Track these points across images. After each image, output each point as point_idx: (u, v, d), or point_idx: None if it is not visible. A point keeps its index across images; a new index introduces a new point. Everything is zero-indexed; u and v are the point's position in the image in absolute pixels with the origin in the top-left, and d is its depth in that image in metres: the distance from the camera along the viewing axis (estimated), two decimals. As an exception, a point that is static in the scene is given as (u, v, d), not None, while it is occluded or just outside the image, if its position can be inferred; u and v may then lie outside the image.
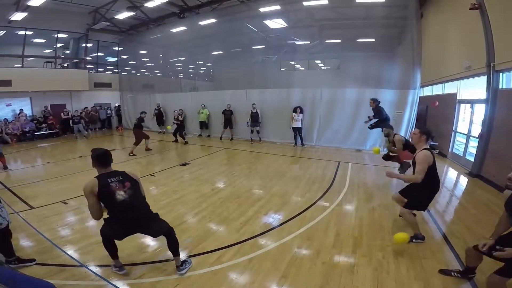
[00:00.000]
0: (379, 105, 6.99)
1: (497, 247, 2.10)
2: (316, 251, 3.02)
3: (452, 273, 2.59)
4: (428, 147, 3.05)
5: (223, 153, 8.71)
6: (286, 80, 12.80)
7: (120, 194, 2.39)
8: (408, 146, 4.91)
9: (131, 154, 8.14)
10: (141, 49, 15.39)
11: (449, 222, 3.81)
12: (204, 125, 11.54)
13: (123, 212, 2.37)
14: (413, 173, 3.04)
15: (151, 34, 14.20)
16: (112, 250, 2.57)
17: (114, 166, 2.64)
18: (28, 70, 11.93)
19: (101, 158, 2.54)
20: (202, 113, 11.38)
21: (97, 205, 2.42)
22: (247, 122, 10.04)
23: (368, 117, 7.17)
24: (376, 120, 7.05)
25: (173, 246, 2.59)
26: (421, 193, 3.06)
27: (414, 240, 3.15)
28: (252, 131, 10.17)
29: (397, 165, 5.78)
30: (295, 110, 9.03)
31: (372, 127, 7.26)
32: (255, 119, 9.88)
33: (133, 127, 8.83)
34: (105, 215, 2.51)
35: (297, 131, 9.17)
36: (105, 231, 2.50)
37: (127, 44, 15.52)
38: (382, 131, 5.42)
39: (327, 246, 3.13)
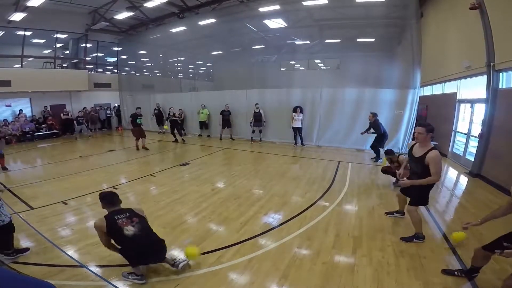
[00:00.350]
0: (378, 119, 7.13)
1: (505, 244, 2.05)
2: (316, 251, 3.02)
3: (456, 273, 2.58)
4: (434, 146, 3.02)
5: (223, 153, 8.71)
6: (286, 80, 12.80)
7: (129, 229, 2.52)
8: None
9: (143, 148, 8.79)
10: (141, 49, 15.38)
11: (449, 222, 3.81)
12: (204, 125, 11.52)
13: (137, 244, 2.48)
14: (416, 172, 3.05)
15: (150, 34, 14.19)
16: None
17: (115, 166, 2.64)
18: (28, 71, 11.91)
19: (108, 198, 2.72)
20: (202, 113, 11.32)
21: (106, 237, 2.59)
22: (250, 123, 9.98)
23: (367, 131, 7.33)
24: (375, 135, 7.18)
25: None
26: (423, 189, 3.06)
27: (415, 240, 3.17)
28: (253, 131, 10.14)
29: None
30: (295, 110, 9.02)
31: (373, 147, 7.37)
32: (258, 119, 9.82)
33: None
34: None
35: (297, 131, 9.17)
36: (124, 254, 2.57)
37: (127, 44, 15.50)
38: (385, 153, 5.30)
39: (327, 246, 3.13)
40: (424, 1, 9.49)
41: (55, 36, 12.78)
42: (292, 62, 14.77)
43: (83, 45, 14.11)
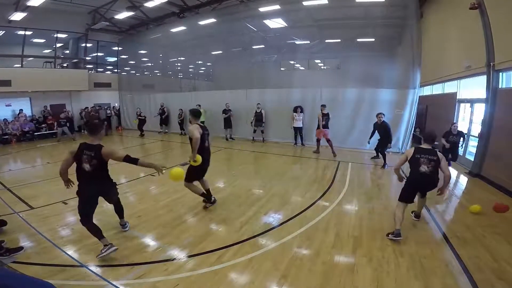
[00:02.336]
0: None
1: None
2: (316, 251, 3.02)
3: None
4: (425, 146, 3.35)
5: (223, 153, 8.70)
6: (286, 80, 12.79)
7: (86, 167, 2.78)
8: None
9: None
10: (141, 49, 15.38)
11: (449, 222, 3.81)
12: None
13: (85, 181, 2.80)
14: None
15: (151, 34, 14.20)
16: (96, 229, 2.86)
17: (116, 165, 2.67)
18: (28, 70, 11.90)
19: (88, 127, 3.06)
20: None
21: (67, 163, 2.91)
22: (251, 122, 9.98)
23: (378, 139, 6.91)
24: (378, 137, 6.80)
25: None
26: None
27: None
28: (255, 131, 10.13)
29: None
30: (295, 110, 9.01)
31: (378, 147, 6.99)
32: (259, 118, 9.82)
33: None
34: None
35: (298, 130, 9.17)
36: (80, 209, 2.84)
37: (127, 44, 15.51)
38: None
39: (327, 246, 3.13)
40: (424, 1, 9.49)
41: (55, 35, 12.77)
42: (292, 62, 14.76)
43: (83, 44, 14.10)
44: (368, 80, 9.53)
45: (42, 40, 12.86)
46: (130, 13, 11.21)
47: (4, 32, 11.21)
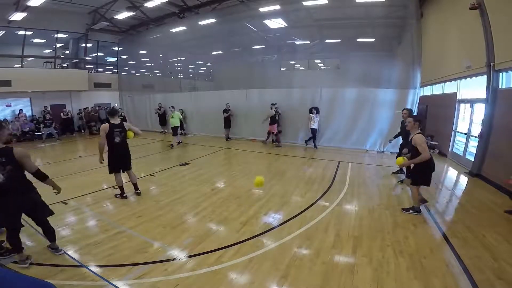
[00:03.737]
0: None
1: None
2: (316, 251, 3.02)
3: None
4: (420, 131, 3.78)
5: (223, 153, 8.71)
6: (286, 80, 12.79)
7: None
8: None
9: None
10: (141, 49, 15.39)
11: (449, 222, 3.81)
12: (177, 130, 9.55)
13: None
14: (412, 154, 3.78)
15: (151, 34, 14.21)
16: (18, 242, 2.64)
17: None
18: (28, 70, 11.92)
19: None
20: (173, 117, 9.34)
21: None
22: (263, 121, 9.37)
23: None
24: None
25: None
26: (418, 169, 3.79)
27: (411, 211, 3.92)
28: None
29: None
30: (312, 111, 8.64)
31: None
32: (276, 119, 9.27)
33: None
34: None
35: (313, 132, 8.79)
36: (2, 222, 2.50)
37: (127, 44, 15.52)
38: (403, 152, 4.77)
39: (327, 246, 3.13)
40: (424, 1, 9.49)
41: (55, 35, 12.80)
42: (292, 62, 14.75)
43: (83, 45, 14.13)
44: (368, 80, 9.53)
45: (42, 40, 12.88)
46: (130, 13, 11.22)
47: (4, 32, 11.22)
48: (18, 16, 10.21)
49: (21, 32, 11.54)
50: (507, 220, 3.79)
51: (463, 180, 5.82)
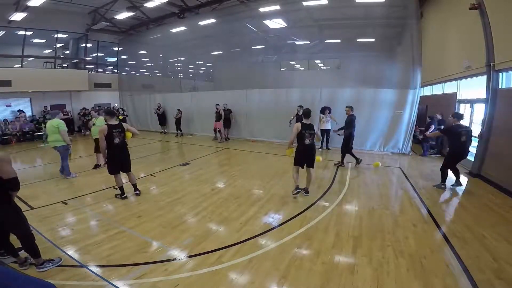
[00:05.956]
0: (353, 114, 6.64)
1: None
2: (316, 251, 3.02)
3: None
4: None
5: (223, 153, 8.71)
6: (286, 80, 12.81)
7: None
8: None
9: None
10: (141, 49, 15.41)
11: (449, 222, 3.81)
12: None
13: None
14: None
15: (151, 34, 14.21)
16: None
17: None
18: (28, 71, 11.93)
19: None
20: (94, 124, 6.70)
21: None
22: (290, 121, 9.09)
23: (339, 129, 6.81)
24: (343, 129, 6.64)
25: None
26: None
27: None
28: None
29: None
30: (323, 111, 8.12)
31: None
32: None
33: None
34: None
35: (325, 133, 8.43)
36: None
37: (127, 44, 15.53)
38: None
39: (327, 246, 3.13)
40: (424, 1, 9.49)
41: (55, 36, 12.80)
42: (292, 62, 14.78)
43: (83, 45, 14.12)
44: (368, 80, 9.55)
45: (42, 40, 12.89)
46: (130, 14, 11.23)
47: (4, 32, 11.22)
48: (18, 16, 10.21)
49: (21, 32, 11.55)
50: (507, 220, 3.79)
51: (463, 180, 5.81)
